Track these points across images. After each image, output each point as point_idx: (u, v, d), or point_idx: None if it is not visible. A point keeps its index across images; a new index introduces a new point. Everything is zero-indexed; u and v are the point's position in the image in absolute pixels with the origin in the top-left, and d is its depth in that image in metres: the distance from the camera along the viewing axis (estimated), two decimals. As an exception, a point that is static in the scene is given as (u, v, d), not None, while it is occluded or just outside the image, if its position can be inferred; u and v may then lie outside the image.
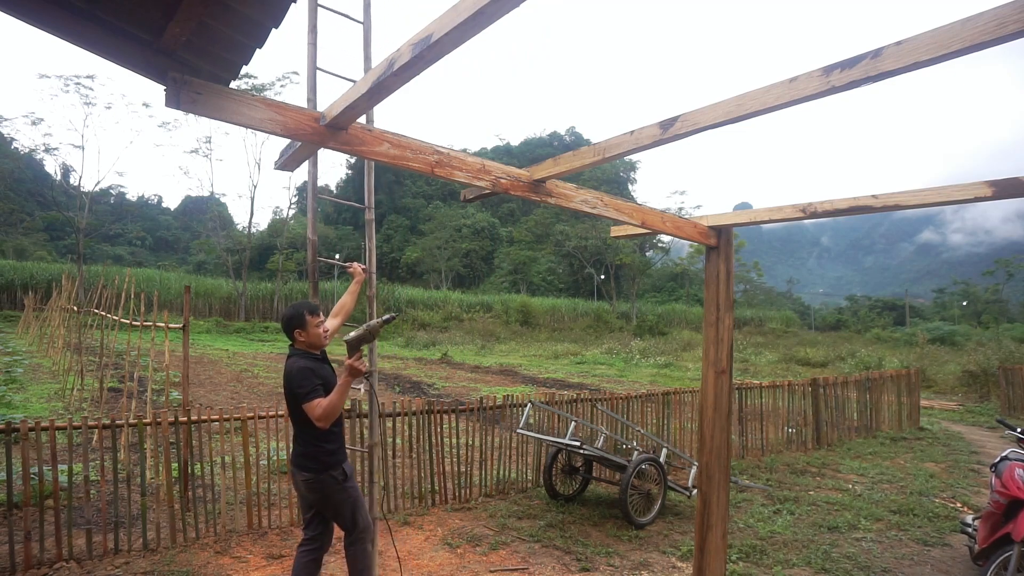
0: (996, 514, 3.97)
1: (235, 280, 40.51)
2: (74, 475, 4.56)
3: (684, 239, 3.32)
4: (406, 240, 68.03)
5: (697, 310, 50.41)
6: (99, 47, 1.81)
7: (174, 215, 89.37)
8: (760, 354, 27.50)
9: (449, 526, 5.39)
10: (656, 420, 7.64)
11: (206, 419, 5.18)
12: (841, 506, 6.30)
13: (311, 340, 3.37)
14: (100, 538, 4.59)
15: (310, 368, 3.25)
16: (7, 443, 4.28)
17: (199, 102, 1.71)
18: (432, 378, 15.98)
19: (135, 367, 8.60)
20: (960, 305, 61.50)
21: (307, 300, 3.62)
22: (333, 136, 2.00)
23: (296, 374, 3.22)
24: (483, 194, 2.77)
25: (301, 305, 3.42)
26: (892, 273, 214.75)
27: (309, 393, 3.14)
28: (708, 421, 3.42)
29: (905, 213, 52.32)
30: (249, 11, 1.80)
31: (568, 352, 25.89)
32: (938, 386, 18.79)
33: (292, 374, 3.23)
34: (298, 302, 3.50)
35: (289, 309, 3.45)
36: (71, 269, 32.63)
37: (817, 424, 9.39)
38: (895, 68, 1.63)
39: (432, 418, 6.08)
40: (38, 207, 64.20)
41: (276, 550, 4.72)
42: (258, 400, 11.16)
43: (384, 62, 1.73)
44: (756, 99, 1.95)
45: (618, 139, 2.41)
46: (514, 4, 1.42)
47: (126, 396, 7.72)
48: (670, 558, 4.87)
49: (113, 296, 8.89)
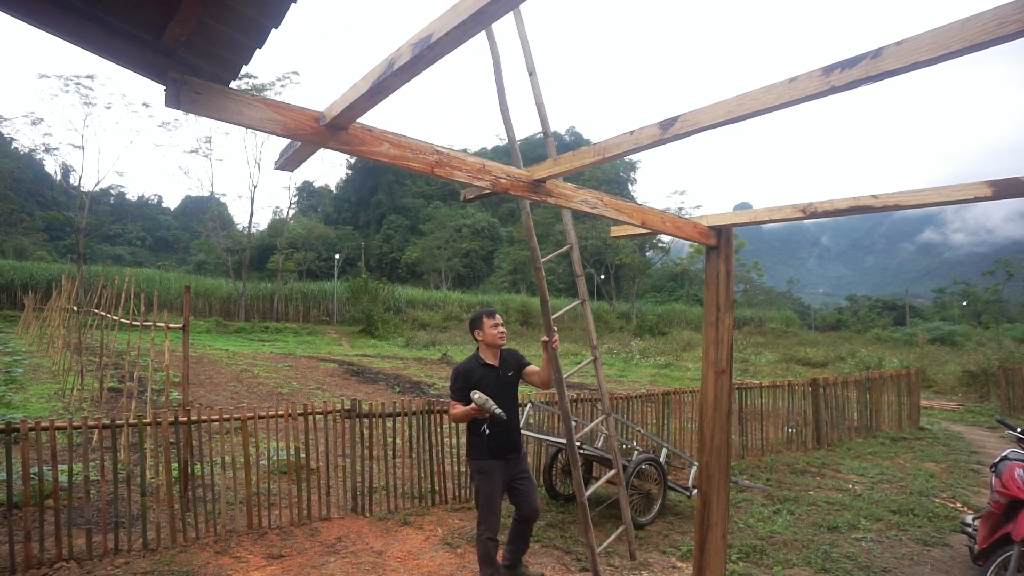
0: (996, 514, 3.97)
1: (235, 280, 40.49)
2: (74, 475, 4.56)
3: (684, 239, 3.32)
4: (406, 240, 67.99)
5: (697, 310, 50.39)
6: (99, 47, 1.81)
7: (174, 215, 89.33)
8: (760, 354, 27.51)
9: (449, 526, 5.39)
10: (656, 420, 7.64)
11: (206, 419, 5.18)
12: (841, 506, 6.30)
13: (487, 339, 3.98)
14: (100, 538, 4.58)
15: (462, 371, 3.94)
16: (7, 443, 4.28)
17: (199, 102, 1.71)
18: (432, 378, 15.97)
19: (135, 367, 8.60)
20: (960, 305, 61.53)
21: (488, 307, 4.45)
22: (333, 136, 2.00)
23: (452, 373, 4.00)
24: (483, 194, 2.77)
25: (481, 311, 4.08)
26: (892, 273, 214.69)
27: (451, 393, 3.93)
28: (708, 421, 3.42)
29: (905, 213, 52.26)
30: (249, 11, 1.80)
31: (568, 352, 25.88)
32: (938, 386, 18.79)
33: (452, 371, 4.01)
34: (479, 309, 4.21)
35: (472, 314, 4.23)
36: (71, 269, 32.63)
37: (817, 424, 9.39)
38: (895, 68, 1.63)
39: (432, 418, 6.08)
40: (38, 207, 64.20)
41: (276, 550, 4.72)
42: (258, 400, 11.16)
43: (384, 62, 1.73)
44: (756, 99, 1.95)
45: (618, 139, 2.41)
46: (514, 4, 1.42)
47: (126, 396, 7.72)
48: (670, 558, 4.87)
49: (113, 296, 8.89)
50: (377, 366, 18.54)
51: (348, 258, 61.30)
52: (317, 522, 5.33)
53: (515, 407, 4.07)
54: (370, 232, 70.34)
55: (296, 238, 52.43)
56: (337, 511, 5.59)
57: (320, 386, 13.60)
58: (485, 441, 3.87)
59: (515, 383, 4.07)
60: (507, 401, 3.92)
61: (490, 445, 3.87)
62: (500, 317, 4.08)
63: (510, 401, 3.97)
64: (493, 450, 3.87)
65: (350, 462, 5.68)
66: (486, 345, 3.98)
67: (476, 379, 3.89)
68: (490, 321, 3.98)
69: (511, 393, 4.02)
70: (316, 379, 14.78)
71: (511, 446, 3.95)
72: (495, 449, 3.88)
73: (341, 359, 20.15)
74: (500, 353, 4.05)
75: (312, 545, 4.84)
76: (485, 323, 3.98)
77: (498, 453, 3.88)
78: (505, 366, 4.01)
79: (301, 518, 5.29)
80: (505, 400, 3.89)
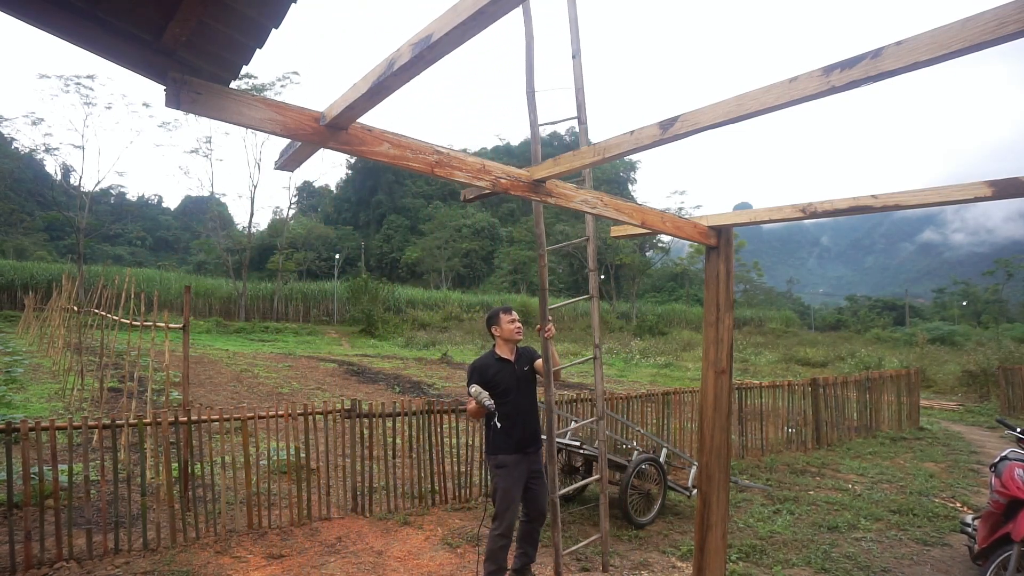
0: (996, 514, 3.97)
1: (235, 280, 40.49)
2: (74, 475, 4.56)
3: (684, 239, 3.31)
4: (406, 240, 67.97)
5: (697, 310, 50.40)
6: (99, 47, 1.81)
7: (174, 215, 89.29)
8: (760, 354, 27.51)
9: (449, 526, 5.39)
10: (656, 420, 7.64)
11: (206, 419, 5.18)
12: (841, 506, 6.30)
13: (504, 334, 4.10)
14: (100, 538, 4.58)
15: (478, 367, 4.05)
16: (7, 443, 4.28)
17: (199, 102, 1.71)
18: (432, 378, 15.97)
19: (135, 367, 8.60)
20: (960, 305, 61.54)
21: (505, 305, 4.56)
22: (333, 136, 2.00)
23: (468, 369, 4.13)
24: (483, 194, 2.77)
25: (497, 308, 4.24)
26: (892, 273, 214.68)
27: (468, 389, 3.99)
28: (708, 421, 3.42)
29: (905, 213, 52.22)
30: (249, 11, 1.80)
31: (568, 352, 25.87)
32: (938, 386, 18.78)
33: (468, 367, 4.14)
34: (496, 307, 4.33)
35: (488, 312, 4.30)
36: (71, 269, 32.61)
37: (817, 424, 9.39)
38: (895, 68, 1.63)
39: (432, 418, 6.08)
40: (38, 207, 64.18)
41: (276, 550, 4.72)
42: (258, 400, 11.16)
43: (384, 62, 1.73)
44: (756, 99, 1.95)
45: (618, 139, 2.41)
46: (514, 4, 1.42)
47: (126, 396, 7.72)
48: (670, 558, 4.87)
49: (113, 296, 8.89)
50: (377, 366, 18.54)
51: (348, 258, 61.30)
52: (317, 522, 5.33)
53: (533, 401, 4.15)
54: (370, 232, 70.34)
55: (296, 238, 52.38)
56: (337, 511, 5.59)
57: (320, 386, 13.60)
58: (501, 435, 3.92)
59: (532, 378, 4.17)
60: (524, 395, 4.05)
61: (507, 438, 3.91)
62: (516, 313, 4.21)
63: (527, 395, 4.08)
64: (511, 443, 3.92)
65: (350, 462, 5.68)
66: (503, 340, 4.11)
67: (492, 374, 3.99)
68: (507, 317, 4.13)
69: (528, 387, 4.11)
70: (316, 379, 14.78)
71: (529, 438, 4.00)
72: (512, 442, 3.92)
73: (341, 359, 20.15)
74: (516, 349, 4.15)
75: (312, 545, 4.84)
76: (502, 319, 4.12)
77: (516, 446, 3.93)
78: (521, 361, 4.12)
79: (301, 518, 5.29)
80: (522, 394, 4.03)
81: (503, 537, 3.86)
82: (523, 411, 4.01)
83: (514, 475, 3.90)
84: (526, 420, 4.01)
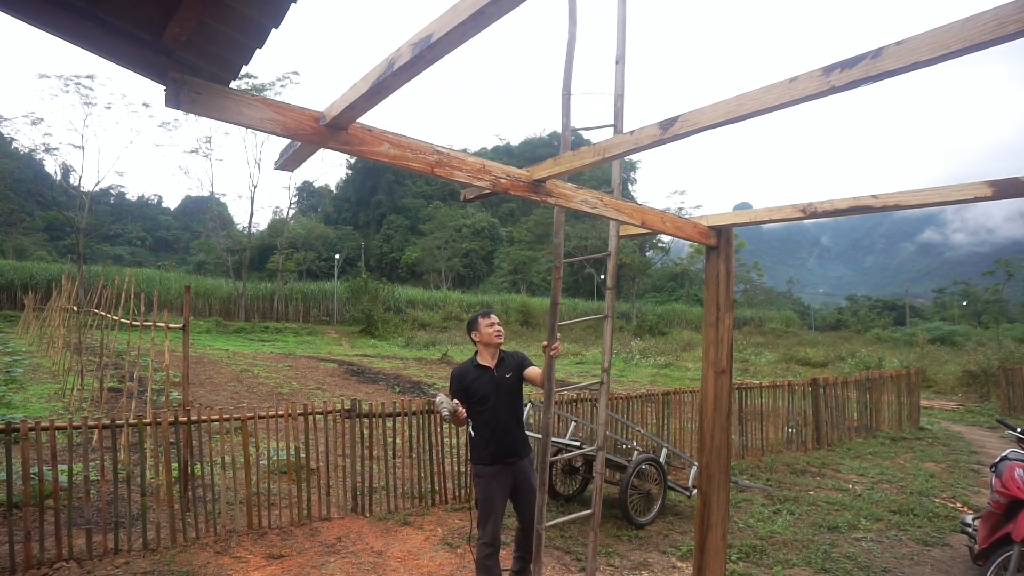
0: (996, 514, 3.97)
1: (235, 280, 40.50)
2: (74, 475, 4.56)
3: (684, 239, 3.31)
4: (406, 240, 68.00)
5: (697, 310, 50.39)
6: (99, 47, 1.80)
7: (174, 215, 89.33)
8: (760, 354, 27.50)
9: (449, 526, 5.39)
10: (656, 420, 7.64)
11: (206, 419, 5.18)
12: (841, 506, 6.30)
13: (483, 339, 3.93)
14: (100, 538, 4.58)
15: (456, 375, 3.94)
16: (7, 443, 4.28)
17: (199, 102, 1.71)
18: (432, 378, 15.97)
19: (135, 367, 8.60)
20: (960, 305, 61.55)
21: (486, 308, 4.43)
22: (333, 136, 2.00)
23: (450, 376, 4.00)
24: (483, 194, 2.77)
25: (476, 313, 4.04)
26: (892, 273, 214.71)
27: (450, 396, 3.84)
28: (708, 421, 3.41)
29: (906, 213, 52.25)
30: (249, 11, 1.80)
31: (568, 352, 25.87)
32: (938, 386, 18.78)
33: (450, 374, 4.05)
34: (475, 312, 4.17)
35: (468, 318, 4.11)
36: (71, 269, 32.62)
37: (817, 424, 9.39)
38: (895, 68, 1.63)
39: (432, 418, 6.08)
40: (38, 207, 64.20)
41: (276, 550, 4.72)
42: (258, 400, 11.16)
43: (384, 62, 1.73)
44: (756, 99, 1.95)
45: (618, 139, 2.41)
46: (514, 4, 1.42)
47: (126, 396, 7.72)
48: (670, 558, 4.87)
49: (113, 296, 8.89)
50: (377, 366, 18.53)
51: (348, 258, 61.32)
52: (317, 522, 5.33)
53: (515, 409, 3.91)
54: (370, 232, 70.37)
55: (296, 238, 52.41)
56: (337, 511, 5.59)
57: (320, 386, 13.60)
58: (479, 444, 3.78)
59: (514, 385, 3.92)
60: (503, 403, 3.81)
61: (484, 448, 3.76)
62: (496, 316, 3.99)
63: (507, 403, 3.84)
64: (488, 454, 3.75)
65: (350, 462, 5.68)
66: (483, 345, 3.90)
67: (469, 380, 3.82)
68: (485, 321, 3.91)
69: (508, 395, 3.87)
70: (316, 379, 14.78)
71: (508, 450, 3.79)
72: (490, 453, 3.75)
73: (341, 359, 20.14)
74: (500, 354, 3.94)
75: (312, 545, 4.84)
76: (480, 323, 3.90)
77: (494, 457, 3.75)
78: (503, 367, 3.89)
79: (301, 518, 5.29)
80: (501, 402, 3.79)
81: (488, 546, 3.73)
82: (502, 420, 3.77)
83: (493, 486, 3.74)
84: (506, 430, 3.79)
